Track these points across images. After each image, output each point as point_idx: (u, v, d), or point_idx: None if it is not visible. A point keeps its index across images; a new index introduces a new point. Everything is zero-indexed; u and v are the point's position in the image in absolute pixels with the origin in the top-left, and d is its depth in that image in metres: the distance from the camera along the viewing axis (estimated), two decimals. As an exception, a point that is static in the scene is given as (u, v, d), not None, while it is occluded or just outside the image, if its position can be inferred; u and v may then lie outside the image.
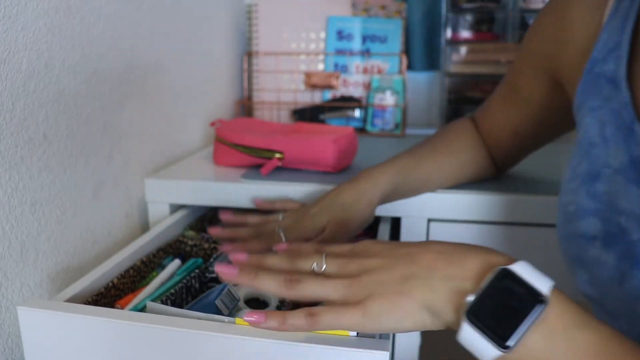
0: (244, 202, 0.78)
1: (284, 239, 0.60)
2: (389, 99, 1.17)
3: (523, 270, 0.36)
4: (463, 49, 1.21)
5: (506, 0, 1.18)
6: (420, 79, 1.35)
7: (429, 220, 0.75)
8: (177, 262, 0.66)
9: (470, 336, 0.35)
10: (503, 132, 0.71)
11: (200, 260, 0.69)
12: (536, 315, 0.34)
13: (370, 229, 0.80)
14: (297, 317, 0.40)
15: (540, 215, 0.72)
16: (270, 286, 0.41)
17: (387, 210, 0.75)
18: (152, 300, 0.55)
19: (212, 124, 0.91)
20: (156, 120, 0.87)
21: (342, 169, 0.85)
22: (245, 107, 1.28)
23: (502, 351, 0.34)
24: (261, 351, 0.43)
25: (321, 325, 0.40)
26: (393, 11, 1.24)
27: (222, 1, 1.16)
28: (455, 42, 1.22)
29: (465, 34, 1.22)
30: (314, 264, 0.43)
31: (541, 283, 0.36)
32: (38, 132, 0.60)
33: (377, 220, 0.78)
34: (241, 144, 0.85)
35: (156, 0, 0.85)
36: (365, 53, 1.22)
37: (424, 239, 0.76)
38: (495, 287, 0.36)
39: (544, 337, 0.34)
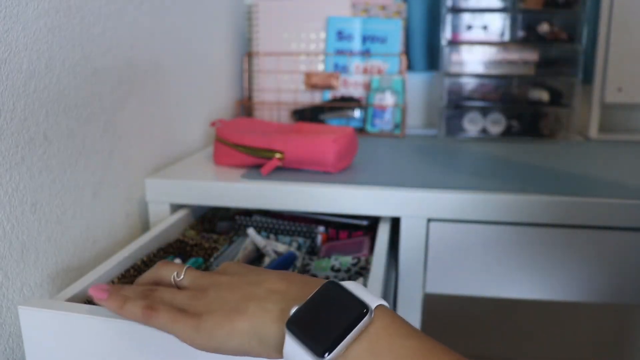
0: (244, 202, 0.78)
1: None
2: (388, 99, 1.17)
3: (353, 286, 0.36)
4: (463, 49, 1.21)
5: (506, 1, 1.18)
6: (420, 80, 1.35)
7: (429, 220, 0.76)
8: (177, 261, 0.66)
9: (290, 348, 0.34)
10: None
11: (200, 259, 0.69)
12: (360, 325, 0.34)
13: (370, 229, 0.81)
14: (136, 307, 0.41)
15: (540, 215, 0.72)
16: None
17: (387, 210, 0.75)
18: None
19: (213, 124, 0.91)
20: (156, 120, 0.87)
21: (342, 169, 0.85)
22: (246, 107, 1.28)
23: None
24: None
25: (155, 323, 0.40)
26: (393, 11, 1.24)
27: (222, 1, 1.16)
28: (455, 42, 1.22)
29: (465, 34, 1.22)
30: (175, 274, 0.44)
31: (369, 298, 0.35)
32: (38, 132, 0.60)
33: (377, 220, 0.79)
34: (241, 144, 0.85)
35: (156, 0, 0.85)
36: (365, 53, 1.23)
37: (423, 239, 0.76)
38: (319, 298, 0.35)
39: (368, 347, 0.33)
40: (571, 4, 1.16)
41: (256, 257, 0.71)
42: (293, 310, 0.35)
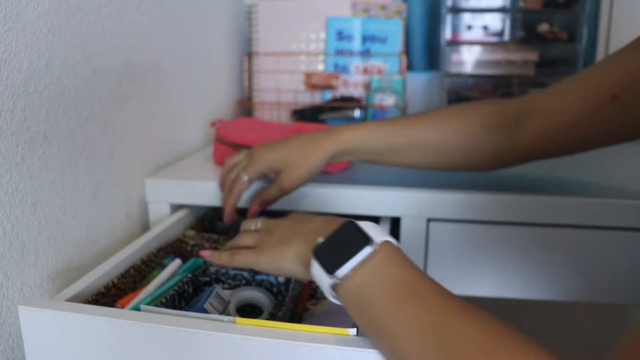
0: (244, 202, 0.78)
1: (245, 179, 0.71)
2: (388, 99, 1.17)
3: (367, 225, 0.44)
4: (463, 49, 1.21)
5: (506, 1, 1.18)
6: (420, 80, 1.35)
7: (429, 220, 0.75)
8: (177, 261, 0.66)
9: (315, 269, 0.44)
10: (595, 96, 0.60)
11: (200, 260, 0.69)
12: (364, 254, 0.42)
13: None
14: (225, 255, 0.55)
15: (540, 215, 0.72)
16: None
17: (387, 210, 0.75)
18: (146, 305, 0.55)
19: (213, 124, 0.91)
20: (156, 120, 0.87)
21: (342, 169, 0.85)
22: (246, 107, 1.28)
23: (333, 279, 0.42)
24: (261, 350, 0.43)
25: (236, 263, 0.53)
26: (393, 11, 1.24)
27: (222, 1, 1.16)
28: (455, 42, 1.22)
29: (465, 34, 1.22)
30: (254, 225, 0.57)
31: (377, 234, 0.43)
32: (38, 132, 0.60)
33: (377, 220, 0.78)
34: (241, 144, 0.85)
35: (156, 0, 0.85)
36: (365, 53, 1.22)
37: (423, 238, 0.76)
38: (339, 233, 0.45)
39: (367, 274, 0.42)
40: (571, 4, 1.16)
41: None
42: (319, 241, 0.45)
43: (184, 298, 0.60)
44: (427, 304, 0.39)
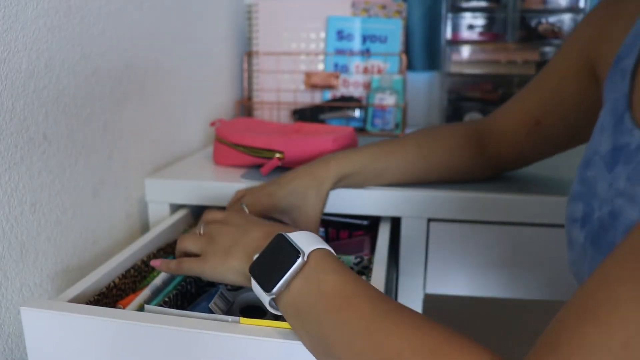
0: (244, 202, 0.78)
1: (246, 211, 0.68)
2: (389, 99, 1.17)
3: (297, 236, 0.45)
4: (463, 49, 1.21)
5: (506, 1, 1.18)
6: (420, 79, 1.35)
7: (429, 220, 0.75)
8: (177, 262, 0.66)
9: (254, 286, 0.45)
10: (521, 121, 0.70)
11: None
12: (295, 267, 0.42)
13: (370, 229, 0.80)
14: (172, 264, 0.55)
15: (540, 215, 0.72)
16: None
17: (387, 210, 0.75)
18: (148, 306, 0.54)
19: (212, 124, 0.91)
20: (156, 120, 0.87)
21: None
22: (245, 107, 1.28)
23: (270, 295, 0.43)
24: (265, 350, 0.43)
25: (183, 270, 0.53)
26: (393, 11, 1.24)
27: (222, 1, 1.16)
28: (455, 42, 1.22)
29: (465, 34, 1.22)
30: (199, 229, 0.56)
31: (306, 244, 0.44)
32: (38, 132, 0.59)
33: (377, 220, 0.78)
34: (241, 144, 0.85)
35: (156, 0, 0.85)
36: (365, 53, 1.22)
37: (424, 239, 0.76)
38: (271, 248, 0.45)
39: (302, 283, 0.42)
40: (571, 3, 1.16)
41: None
42: (254, 257, 0.46)
43: (186, 298, 0.60)
44: (359, 308, 0.39)
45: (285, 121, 1.25)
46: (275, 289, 0.42)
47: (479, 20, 1.21)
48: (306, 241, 0.45)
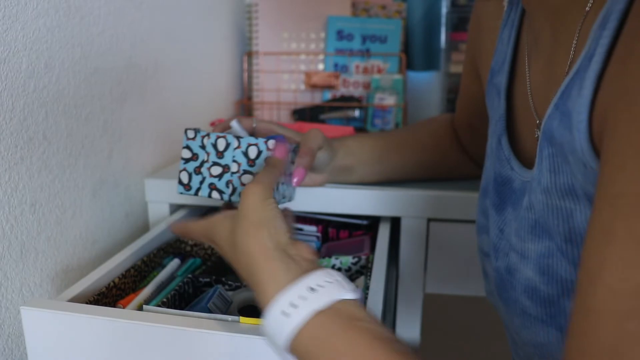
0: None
1: (254, 124, 0.64)
2: (389, 99, 1.17)
3: (268, 325, 0.39)
4: (463, 49, 1.21)
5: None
6: (420, 79, 1.35)
7: (429, 220, 0.75)
8: (176, 261, 0.66)
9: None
10: (463, 124, 0.75)
11: (199, 260, 0.69)
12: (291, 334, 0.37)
13: (370, 229, 0.80)
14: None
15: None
16: None
17: (387, 210, 0.75)
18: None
19: (212, 124, 0.91)
20: (156, 119, 0.87)
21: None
22: (245, 107, 1.28)
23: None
24: (265, 350, 0.43)
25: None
26: (393, 11, 1.24)
27: (222, 1, 1.16)
28: (454, 42, 1.22)
29: (465, 33, 1.22)
30: None
31: (279, 337, 0.38)
32: (38, 132, 0.59)
33: (378, 220, 0.78)
34: (241, 143, 0.85)
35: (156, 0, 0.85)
36: (365, 53, 1.22)
37: (424, 239, 0.76)
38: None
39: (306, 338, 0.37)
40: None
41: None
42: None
43: (184, 298, 0.60)
44: None
45: (285, 121, 1.25)
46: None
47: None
48: (276, 331, 0.38)
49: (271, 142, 0.53)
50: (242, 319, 0.46)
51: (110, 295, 0.57)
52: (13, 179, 0.56)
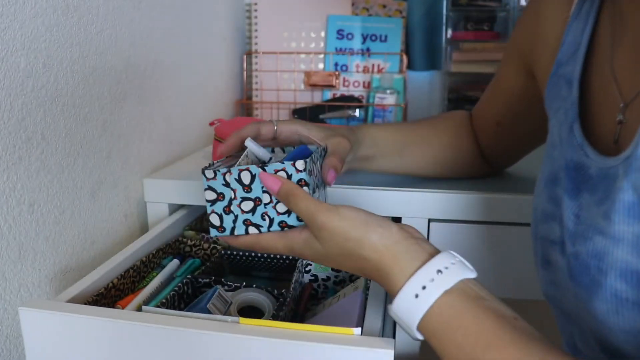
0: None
1: (275, 126, 0.60)
2: (389, 98, 1.17)
3: (399, 308, 0.42)
4: (464, 48, 1.21)
5: (507, 0, 1.18)
6: (420, 78, 1.35)
7: (429, 220, 0.75)
8: (175, 262, 0.66)
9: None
10: (488, 122, 0.73)
11: (198, 260, 0.69)
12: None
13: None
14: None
15: (541, 215, 0.72)
16: None
17: (387, 210, 0.74)
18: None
19: (212, 124, 0.91)
20: (155, 119, 0.87)
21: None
22: (245, 106, 1.27)
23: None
24: (265, 350, 0.43)
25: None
26: (393, 10, 1.24)
27: (222, 0, 1.15)
28: (455, 41, 1.21)
29: (465, 33, 1.22)
30: None
31: (412, 321, 0.41)
32: (36, 132, 0.59)
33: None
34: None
35: (155, -1, 0.85)
36: (366, 52, 1.22)
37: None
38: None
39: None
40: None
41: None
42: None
43: (183, 299, 0.59)
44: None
45: (285, 121, 1.24)
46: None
47: (480, 20, 1.21)
48: (408, 314, 0.41)
49: (299, 163, 0.49)
50: (242, 320, 0.45)
51: (109, 296, 0.57)
52: (11, 179, 0.56)
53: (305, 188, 0.49)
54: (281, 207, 0.50)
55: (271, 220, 0.50)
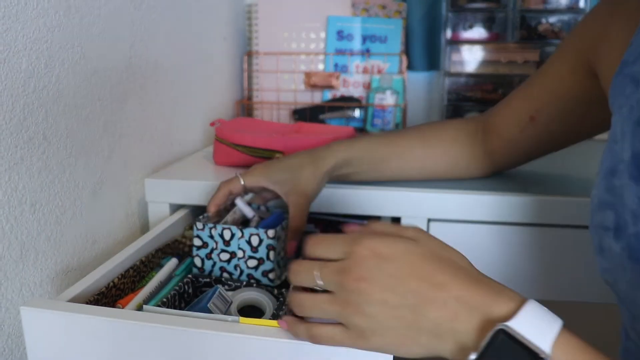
0: (244, 202, 0.77)
1: (241, 180, 0.68)
2: (389, 99, 1.17)
3: (523, 324, 0.34)
4: (463, 49, 1.21)
5: (506, 0, 1.18)
6: (420, 79, 1.35)
7: (429, 220, 0.75)
8: (174, 260, 0.66)
9: None
10: (519, 117, 0.70)
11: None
12: None
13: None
14: (301, 329, 0.42)
15: (540, 215, 0.72)
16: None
17: (387, 210, 0.75)
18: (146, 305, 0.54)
19: (212, 124, 0.91)
20: (156, 120, 0.87)
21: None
22: (245, 107, 1.28)
23: None
24: (265, 350, 0.43)
25: (320, 342, 0.40)
26: (393, 11, 1.24)
27: (222, 1, 1.16)
28: (455, 42, 1.22)
29: (465, 34, 1.22)
30: (314, 276, 0.41)
31: (542, 338, 0.34)
32: (38, 132, 0.59)
33: (378, 220, 0.78)
34: (241, 143, 0.85)
35: (155, 0, 0.85)
36: (365, 53, 1.22)
37: (424, 239, 0.75)
38: (494, 349, 0.34)
39: None
40: (572, 3, 1.16)
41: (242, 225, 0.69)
42: (471, 357, 0.35)
43: (184, 298, 0.60)
44: None
45: (285, 121, 1.25)
46: None
47: (479, 21, 1.21)
48: (539, 332, 0.34)
49: (270, 232, 0.61)
50: (242, 319, 0.46)
51: (109, 296, 0.57)
52: (13, 179, 0.56)
53: (271, 252, 0.62)
54: (251, 262, 0.62)
55: (241, 272, 0.63)
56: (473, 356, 0.34)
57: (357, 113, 1.20)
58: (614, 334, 1.49)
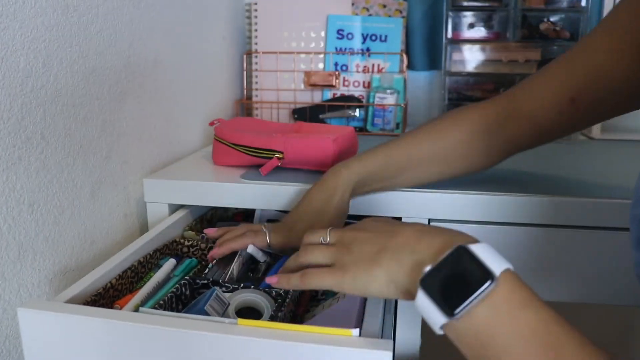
0: (244, 202, 0.77)
1: (268, 238, 0.66)
2: (389, 98, 1.17)
3: (481, 250, 0.39)
4: (464, 48, 1.21)
5: (507, -1, 1.18)
6: (420, 78, 1.35)
7: (429, 220, 0.75)
8: (172, 261, 0.66)
9: (423, 302, 0.39)
10: (557, 99, 0.66)
11: (195, 261, 0.69)
12: (484, 290, 0.37)
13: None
14: (295, 279, 0.48)
15: (540, 216, 0.72)
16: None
17: (387, 210, 0.74)
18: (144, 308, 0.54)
19: (212, 124, 0.91)
20: (155, 119, 0.87)
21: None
22: (245, 106, 1.27)
23: (449, 318, 0.37)
24: (264, 351, 0.43)
25: (310, 283, 0.47)
26: (393, 10, 1.24)
27: (222, 0, 1.15)
28: (456, 41, 1.21)
29: (466, 33, 1.22)
30: (321, 238, 0.51)
31: (495, 264, 0.38)
32: (36, 132, 0.59)
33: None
34: (241, 143, 0.85)
35: (155, -2, 0.85)
36: (366, 52, 1.22)
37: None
38: (450, 262, 0.39)
39: (489, 312, 0.37)
40: (573, 2, 1.16)
41: (250, 264, 0.70)
42: (426, 269, 0.40)
43: (181, 300, 0.59)
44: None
45: (285, 121, 1.24)
46: (458, 313, 0.37)
47: (480, 20, 1.21)
48: (494, 259, 0.39)
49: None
50: (240, 321, 0.45)
51: (107, 297, 0.57)
52: (11, 179, 0.56)
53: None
54: None
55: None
56: (428, 267, 0.40)
57: (357, 112, 1.20)
58: (614, 334, 1.49)
